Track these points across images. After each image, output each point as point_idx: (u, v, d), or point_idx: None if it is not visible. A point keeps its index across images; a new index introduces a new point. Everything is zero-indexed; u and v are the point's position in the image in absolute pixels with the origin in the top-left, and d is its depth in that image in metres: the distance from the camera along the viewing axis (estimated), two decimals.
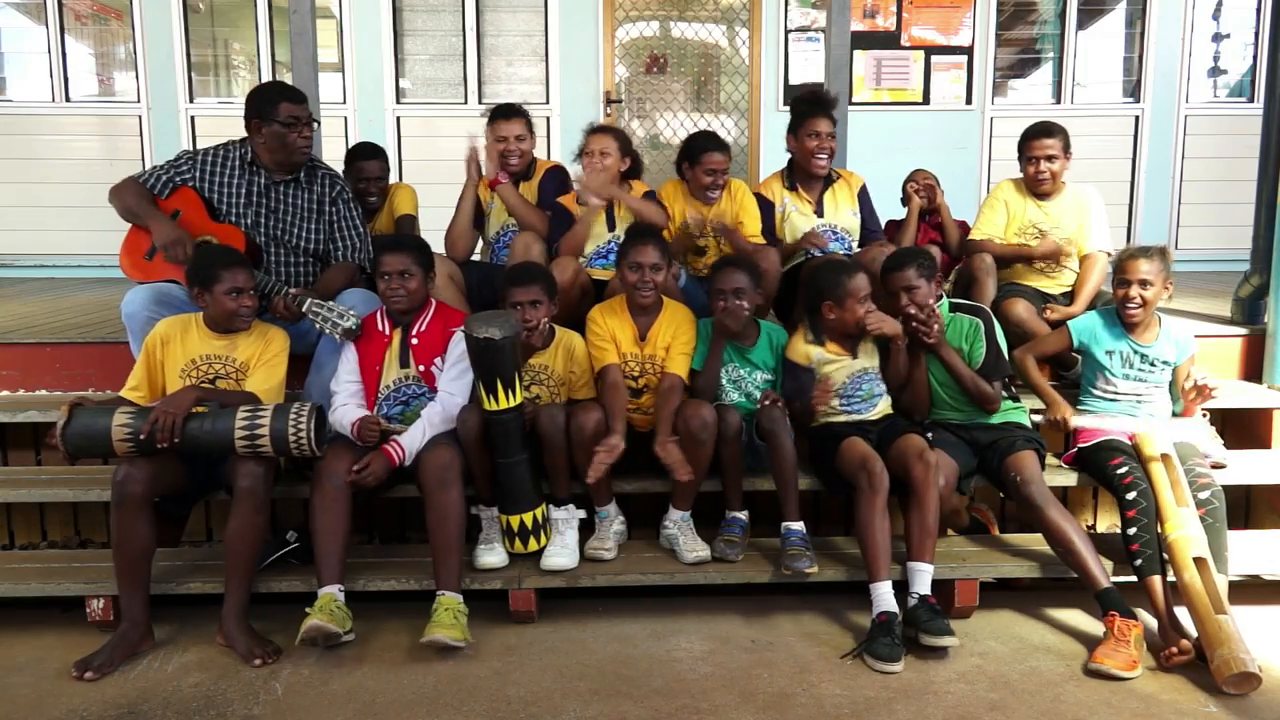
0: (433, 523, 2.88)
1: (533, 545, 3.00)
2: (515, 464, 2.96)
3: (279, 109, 3.34)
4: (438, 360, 3.09)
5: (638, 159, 3.82)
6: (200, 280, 2.92)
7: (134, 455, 2.73)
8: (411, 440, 2.95)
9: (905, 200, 4.20)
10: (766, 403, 3.08)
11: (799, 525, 3.06)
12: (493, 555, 3.01)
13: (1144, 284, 3.13)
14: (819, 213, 3.77)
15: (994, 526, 3.39)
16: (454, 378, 3.06)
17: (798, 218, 3.78)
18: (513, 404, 2.90)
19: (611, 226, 3.69)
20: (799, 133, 3.76)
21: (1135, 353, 3.22)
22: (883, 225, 4.01)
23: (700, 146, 3.67)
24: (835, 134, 3.78)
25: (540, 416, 2.99)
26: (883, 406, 3.24)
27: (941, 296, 3.25)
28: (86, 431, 2.73)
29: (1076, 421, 3.26)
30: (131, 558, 2.75)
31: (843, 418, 3.20)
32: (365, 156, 4.18)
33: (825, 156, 3.73)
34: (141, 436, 2.70)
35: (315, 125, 3.50)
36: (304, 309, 3.05)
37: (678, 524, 3.11)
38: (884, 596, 2.82)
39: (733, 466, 3.11)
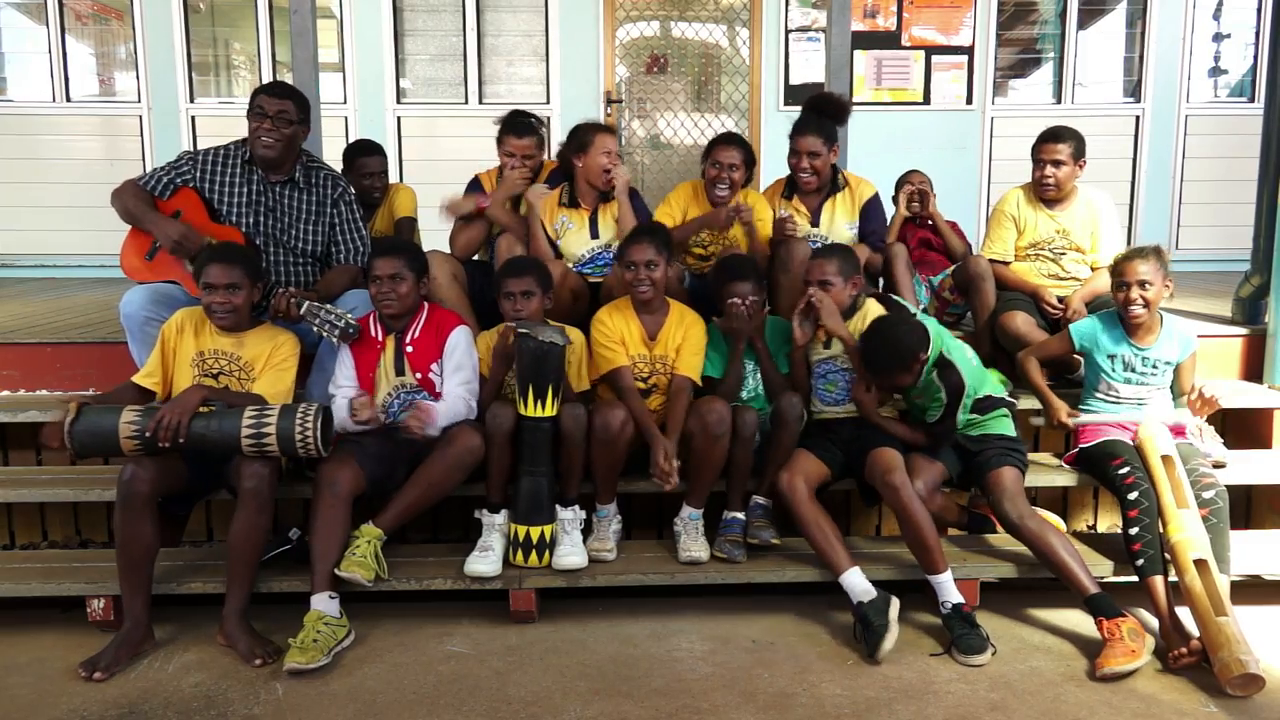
0: (430, 471, 2.95)
1: (534, 560, 2.99)
2: (542, 475, 2.98)
3: (255, 98, 3.33)
4: (434, 366, 3.09)
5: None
6: (197, 274, 2.97)
7: (140, 454, 2.73)
8: (439, 412, 2.98)
9: (897, 201, 4.17)
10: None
11: (766, 501, 3.18)
12: (484, 564, 2.96)
13: (1144, 285, 3.10)
14: (814, 222, 3.75)
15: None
16: (459, 384, 3.06)
17: None
18: (553, 413, 2.93)
19: (595, 235, 3.65)
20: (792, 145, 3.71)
21: (1136, 356, 3.20)
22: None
23: (714, 141, 3.69)
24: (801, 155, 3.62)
25: (563, 414, 2.99)
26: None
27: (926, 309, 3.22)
28: (94, 429, 2.72)
29: (1075, 421, 3.26)
30: (135, 557, 2.75)
31: (827, 412, 3.22)
32: (367, 153, 4.19)
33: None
34: (147, 434, 2.70)
35: (293, 125, 3.34)
36: (302, 311, 3.04)
37: (683, 522, 3.12)
38: (854, 588, 2.85)
39: (743, 466, 3.11)
